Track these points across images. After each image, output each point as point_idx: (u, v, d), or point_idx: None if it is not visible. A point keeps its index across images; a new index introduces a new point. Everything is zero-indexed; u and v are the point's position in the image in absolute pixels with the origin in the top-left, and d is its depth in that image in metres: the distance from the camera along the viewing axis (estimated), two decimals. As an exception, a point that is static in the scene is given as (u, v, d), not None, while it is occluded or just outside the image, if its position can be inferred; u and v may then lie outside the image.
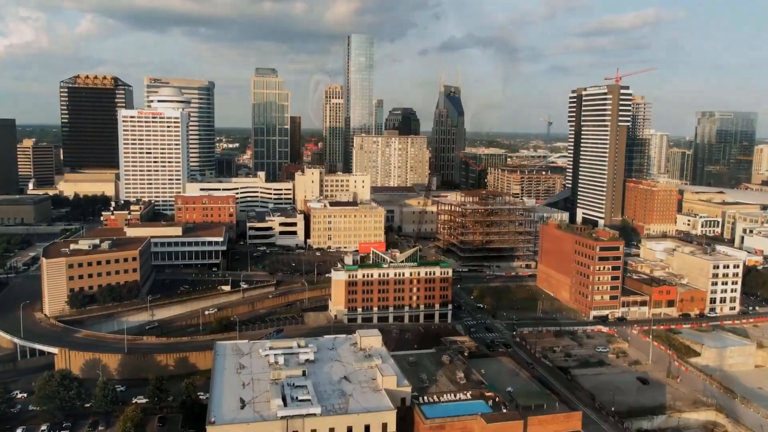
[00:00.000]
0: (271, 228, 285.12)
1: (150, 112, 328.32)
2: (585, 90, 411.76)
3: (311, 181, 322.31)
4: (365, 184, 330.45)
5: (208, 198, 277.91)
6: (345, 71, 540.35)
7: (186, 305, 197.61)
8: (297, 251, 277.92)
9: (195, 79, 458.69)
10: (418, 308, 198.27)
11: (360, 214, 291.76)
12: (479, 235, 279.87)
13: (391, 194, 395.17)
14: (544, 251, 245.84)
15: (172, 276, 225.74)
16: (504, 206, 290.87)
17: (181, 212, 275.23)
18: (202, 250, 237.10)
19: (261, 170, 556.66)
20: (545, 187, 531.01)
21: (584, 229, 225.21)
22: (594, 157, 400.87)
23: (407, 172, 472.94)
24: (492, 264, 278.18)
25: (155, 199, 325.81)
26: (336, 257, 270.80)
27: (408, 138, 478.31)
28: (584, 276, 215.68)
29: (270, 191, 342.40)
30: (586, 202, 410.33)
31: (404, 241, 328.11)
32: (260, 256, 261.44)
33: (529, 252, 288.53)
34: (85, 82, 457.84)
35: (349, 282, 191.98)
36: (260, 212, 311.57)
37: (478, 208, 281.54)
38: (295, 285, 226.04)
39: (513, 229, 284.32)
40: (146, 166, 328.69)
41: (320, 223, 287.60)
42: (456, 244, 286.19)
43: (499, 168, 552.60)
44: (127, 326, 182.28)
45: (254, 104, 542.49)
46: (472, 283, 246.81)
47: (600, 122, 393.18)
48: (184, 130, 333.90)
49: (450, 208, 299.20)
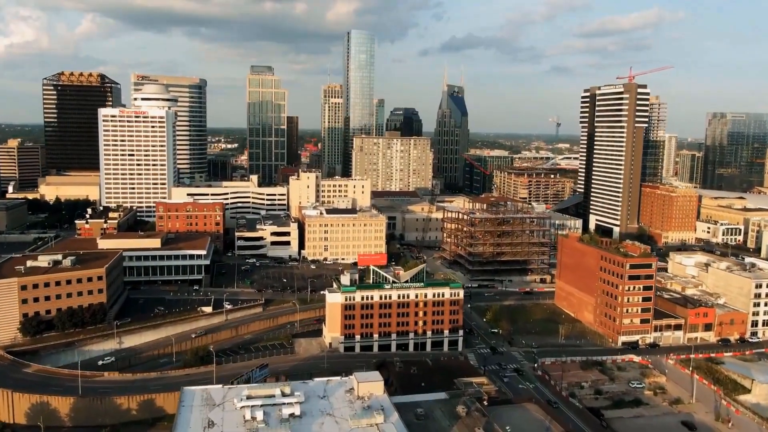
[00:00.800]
0: (262, 238, 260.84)
1: (132, 111, 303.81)
2: (599, 89, 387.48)
3: (306, 186, 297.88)
4: (365, 189, 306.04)
5: (192, 205, 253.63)
6: (344, 69, 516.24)
7: (159, 330, 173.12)
8: (290, 264, 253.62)
9: (186, 77, 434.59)
10: (424, 335, 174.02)
11: (359, 223, 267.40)
12: (489, 247, 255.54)
13: (393, 199, 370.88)
14: (563, 266, 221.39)
15: (148, 294, 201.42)
16: (516, 214, 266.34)
17: (163, 221, 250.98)
18: (183, 264, 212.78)
19: (256, 173, 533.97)
20: (554, 191, 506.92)
21: (610, 243, 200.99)
22: (609, 160, 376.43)
23: (409, 175, 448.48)
24: (503, 278, 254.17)
25: (138, 206, 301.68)
26: (332, 270, 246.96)
27: (410, 140, 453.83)
28: (611, 296, 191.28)
29: (263, 197, 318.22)
30: (600, 209, 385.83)
31: (407, 251, 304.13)
32: (249, 270, 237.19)
33: (543, 265, 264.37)
34: (70, 79, 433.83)
35: (346, 305, 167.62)
36: (251, 220, 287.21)
37: (488, 217, 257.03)
38: (285, 305, 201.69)
39: (526, 240, 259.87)
40: (128, 170, 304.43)
41: (315, 233, 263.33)
42: (464, 256, 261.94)
43: (505, 171, 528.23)
44: (90, 356, 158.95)
45: (249, 103, 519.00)
46: (483, 301, 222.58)
47: (615, 123, 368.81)
48: (170, 131, 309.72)
49: (457, 216, 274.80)
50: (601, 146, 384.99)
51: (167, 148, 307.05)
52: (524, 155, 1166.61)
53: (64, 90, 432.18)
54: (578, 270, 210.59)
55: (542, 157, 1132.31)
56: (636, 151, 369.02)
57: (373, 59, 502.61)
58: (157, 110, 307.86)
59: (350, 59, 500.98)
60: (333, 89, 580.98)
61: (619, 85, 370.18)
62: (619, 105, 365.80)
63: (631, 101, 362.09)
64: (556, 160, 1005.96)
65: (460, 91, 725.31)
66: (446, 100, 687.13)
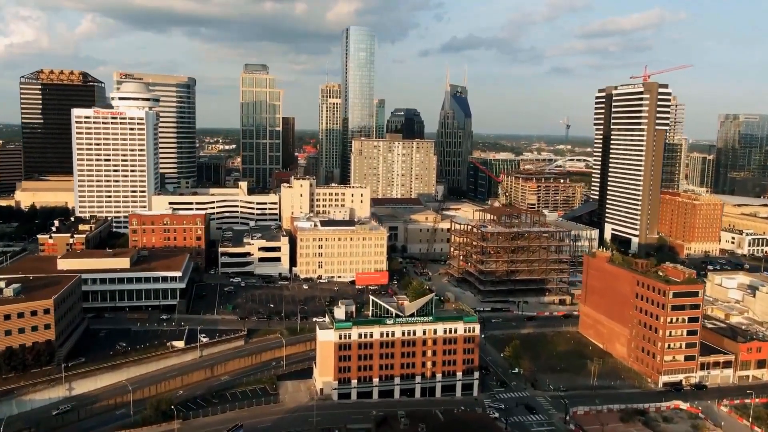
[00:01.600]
0: (249, 254, 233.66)
1: (109, 112, 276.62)
2: (616, 89, 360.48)
3: (300, 195, 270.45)
4: (364, 198, 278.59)
5: (170, 217, 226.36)
6: (343, 67, 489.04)
7: (119, 372, 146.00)
8: (279, 284, 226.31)
9: (173, 75, 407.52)
10: (434, 378, 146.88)
11: (357, 237, 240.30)
12: (503, 264, 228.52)
13: (394, 207, 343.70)
14: (590, 290, 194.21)
15: (112, 324, 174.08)
16: (532, 228, 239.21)
17: (137, 235, 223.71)
18: (155, 288, 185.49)
19: (250, 176, 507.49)
20: (564, 197, 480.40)
21: (647, 266, 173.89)
22: (627, 165, 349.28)
23: (412, 180, 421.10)
24: (518, 299, 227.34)
25: (115, 216, 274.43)
26: (327, 291, 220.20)
27: (413, 142, 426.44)
28: (650, 329, 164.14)
29: (252, 206, 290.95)
30: (617, 217, 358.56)
31: (410, 265, 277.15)
32: (232, 292, 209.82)
33: (562, 284, 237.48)
34: (50, 78, 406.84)
35: (341, 345, 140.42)
36: (238, 232, 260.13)
37: (501, 231, 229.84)
38: (271, 336, 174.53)
39: (544, 257, 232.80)
40: (104, 176, 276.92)
41: (309, 248, 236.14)
42: (474, 273, 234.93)
43: (513, 175, 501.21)
44: (33, 407, 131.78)
45: (242, 103, 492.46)
46: (498, 328, 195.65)
47: (635, 125, 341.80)
48: (151, 133, 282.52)
49: (466, 229, 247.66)
50: (618, 150, 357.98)
51: (147, 153, 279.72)
52: (526, 157, 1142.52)
53: (44, 89, 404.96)
54: (608, 295, 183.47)
55: (544, 159, 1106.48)
56: (656, 155, 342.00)
57: (373, 57, 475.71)
58: (136, 111, 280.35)
59: (349, 57, 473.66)
60: (331, 89, 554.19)
61: (638, 84, 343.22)
62: (639, 106, 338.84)
63: (651, 102, 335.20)
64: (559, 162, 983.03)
65: (464, 91, 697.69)
66: (449, 100, 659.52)
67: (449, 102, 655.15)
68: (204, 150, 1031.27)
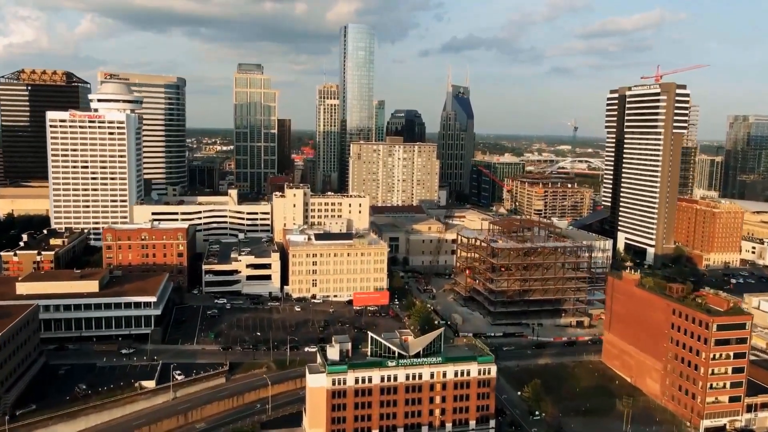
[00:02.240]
0: (236, 272, 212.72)
1: (86, 115, 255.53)
2: (629, 90, 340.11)
3: (293, 204, 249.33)
4: (362, 208, 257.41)
5: (149, 231, 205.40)
6: (341, 67, 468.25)
7: (77, 421, 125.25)
8: (269, 305, 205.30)
9: (161, 75, 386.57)
10: (443, 428, 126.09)
11: (355, 252, 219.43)
12: (515, 283, 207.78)
13: (395, 216, 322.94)
14: (616, 316, 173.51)
15: (75, 358, 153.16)
16: (547, 242, 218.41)
17: (112, 251, 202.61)
18: (126, 315, 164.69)
19: (244, 181, 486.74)
20: (572, 203, 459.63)
21: (684, 292, 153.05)
22: (642, 170, 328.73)
23: (413, 186, 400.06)
24: (532, 321, 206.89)
25: (93, 228, 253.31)
26: (322, 314, 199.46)
27: (414, 146, 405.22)
28: (689, 365, 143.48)
29: (242, 216, 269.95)
30: (631, 226, 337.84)
31: (413, 280, 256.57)
32: (215, 316, 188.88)
33: (579, 303, 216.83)
34: (32, 78, 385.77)
35: (334, 392, 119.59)
36: (225, 246, 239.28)
37: (514, 247, 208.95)
38: (257, 371, 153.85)
39: (560, 274, 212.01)
40: (81, 184, 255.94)
41: (302, 265, 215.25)
42: (483, 293, 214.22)
43: (518, 180, 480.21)
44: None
45: (236, 105, 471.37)
46: (512, 358, 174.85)
47: (651, 128, 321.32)
48: (132, 138, 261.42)
49: (474, 242, 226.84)
50: (632, 154, 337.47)
51: (128, 159, 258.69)
52: (527, 157, 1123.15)
53: (26, 90, 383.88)
54: (637, 323, 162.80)
55: (546, 160, 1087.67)
56: (674, 160, 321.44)
57: (372, 57, 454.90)
58: (117, 113, 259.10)
59: (347, 56, 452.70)
60: (329, 90, 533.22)
61: (654, 85, 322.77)
62: (655, 108, 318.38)
63: (668, 103, 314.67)
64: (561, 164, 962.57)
65: (466, 92, 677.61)
66: (451, 101, 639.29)
67: (451, 103, 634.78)
68: (201, 151, 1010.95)
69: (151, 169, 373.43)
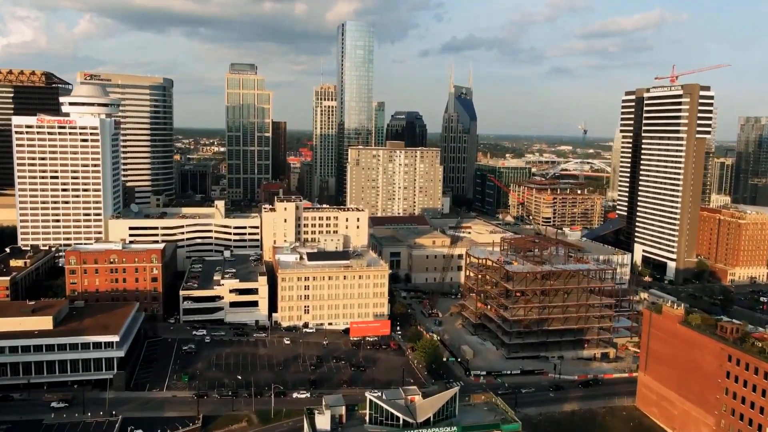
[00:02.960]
0: (219, 297, 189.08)
1: (56, 120, 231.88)
2: (648, 91, 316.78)
3: (284, 219, 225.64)
4: (361, 223, 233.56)
5: (118, 253, 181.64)
6: (339, 67, 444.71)
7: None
8: (255, 336, 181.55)
9: (147, 76, 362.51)
10: None
11: (353, 275, 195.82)
12: (533, 310, 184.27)
13: (396, 227, 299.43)
14: (654, 355, 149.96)
15: (19, 412, 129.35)
16: (568, 264, 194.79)
17: (76, 276, 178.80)
18: (84, 358, 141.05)
19: (236, 187, 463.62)
20: (582, 210, 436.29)
21: (739, 332, 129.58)
22: (662, 178, 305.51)
23: (415, 194, 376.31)
24: (552, 354, 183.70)
25: (63, 245, 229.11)
26: (314, 346, 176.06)
27: (416, 151, 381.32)
28: (750, 424, 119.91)
29: (229, 230, 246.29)
30: (650, 237, 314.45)
31: (416, 301, 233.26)
32: (192, 352, 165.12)
33: (603, 332, 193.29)
34: (8, 78, 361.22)
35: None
36: (208, 266, 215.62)
37: (532, 271, 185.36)
38: (235, 428, 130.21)
39: (584, 300, 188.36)
40: (51, 197, 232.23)
41: (292, 290, 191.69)
42: (496, 320, 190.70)
43: (524, 185, 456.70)
44: None
45: (228, 107, 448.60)
46: (533, 403, 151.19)
47: (672, 133, 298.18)
48: (108, 145, 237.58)
49: (485, 263, 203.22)
50: (650, 160, 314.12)
51: (103, 168, 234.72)
52: (528, 158, 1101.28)
53: (2, 91, 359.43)
54: (681, 367, 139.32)
55: (547, 161, 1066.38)
56: (697, 167, 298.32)
57: (371, 56, 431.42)
58: (90, 118, 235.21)
59: (345, 56, 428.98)
60: (326, 90, 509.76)
61: (676, 86, 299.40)
62: (677, 111, 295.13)
63: (691, 106, 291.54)
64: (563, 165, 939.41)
65: (468, 92, 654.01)
66: (453, 102, 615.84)
67: (453, 104, 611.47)
68: (198, 152, 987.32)
69: (135, 176, 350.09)
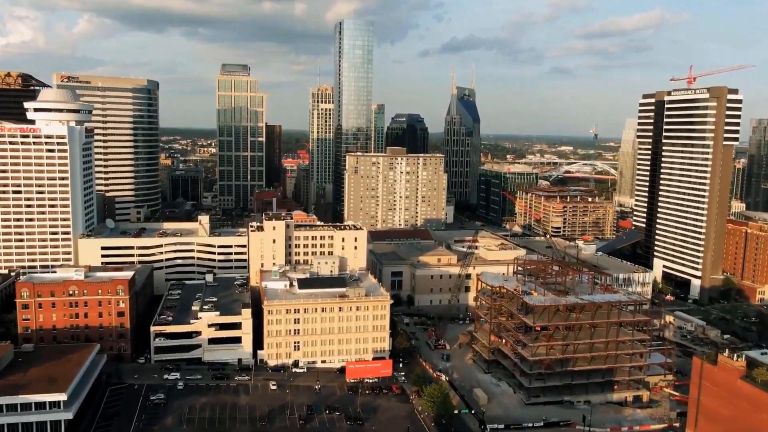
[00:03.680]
0: (196, 333, 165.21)
1: (18, 128, 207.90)
2: (669, 94, 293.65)
3: (272, 240, 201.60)
4: (359, 243, 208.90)
5: (79, 285, 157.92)
6: (336, 68, 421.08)
7: None
8: (236, 380, 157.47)
9: (130, 78, 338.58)
10: None
11: (350, 306, 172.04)
12: (556, 350, 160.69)
13: (398, 242, 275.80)
14: (706, 413, 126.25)
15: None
16: (595, 295, 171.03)
17: (29, 311, 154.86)
18: (25, 421, 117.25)
19: (228, 195, 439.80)
20: (594, 219, 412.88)
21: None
22: (686, 188, 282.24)
23: (417, 203, 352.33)
24: (577, 398, 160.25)
25: (28, 269, 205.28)
26: (304, 392, 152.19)
27: (419, 158, 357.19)
28: None
29: (213, 250, 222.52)
30: (671, 252, 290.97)
31: (421, 330, 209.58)
32: (161, 404, 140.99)
33: (636, 371, 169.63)
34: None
35: None
36: (187, 292, 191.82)
37: (555, 304, 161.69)
38: None
39: (613, 335, 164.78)
40: (13, 214, 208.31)
41: (280, 324, 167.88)
42: (512, 358, 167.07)
43: (532, 192, 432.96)
44: None
45: (219, 110, 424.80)
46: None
47: (697, 139, 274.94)
48: (78, 155, 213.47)
49: (499, 291, 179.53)
50: (672, 169, 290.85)
51: (72, 181, 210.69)
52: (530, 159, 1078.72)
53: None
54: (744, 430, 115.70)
55: (549, 162, 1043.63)
56: (724, 176, 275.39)
57: (370, 56, 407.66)
58: (57, 126, 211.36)
59: (342, 56, 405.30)
60: (323, 92, 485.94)
61: (701, 89, 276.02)
62: (702, 116, 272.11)
63: (718, 111, 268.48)
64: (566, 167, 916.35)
65: (471, 94, 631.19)
66: (455, 104, 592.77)
67: (456, 106, 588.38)
68: (195, 154, 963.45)
69: (117, 186, 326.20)
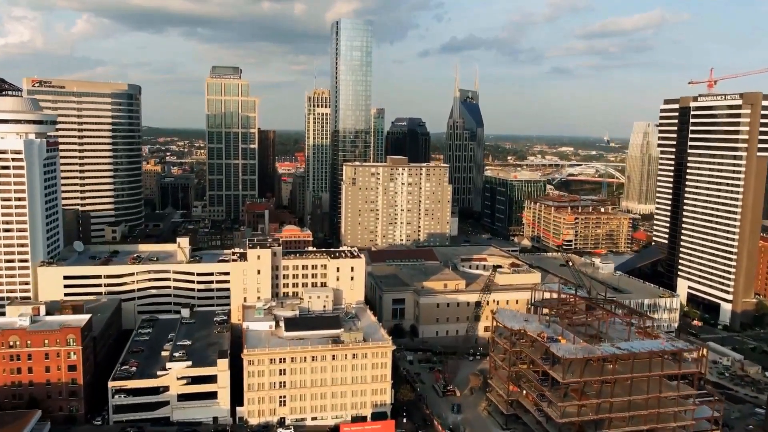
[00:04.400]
0: (164, 388, 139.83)
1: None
2: (695, 100, 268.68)
3: (257, 270, 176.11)
4: (356, 273, 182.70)
5: (21, 334, 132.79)
6: (333, 70, 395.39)
7: None
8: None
9: (109, 83, 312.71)
10: None
11: (345, 354, 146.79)
12: (588, 407, 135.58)
13: (399, 264, 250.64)
14: None
15: None
16: (633, 344, 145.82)
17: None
18: None
19: (218, 205, 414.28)
20: (607, 231, 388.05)
21: None
22: (715, 202, 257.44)
23: (420, 217, 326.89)
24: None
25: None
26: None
27: (422, 168, 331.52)
28: None
29: (192, 278, 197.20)
30: (698, 272, 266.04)
31: (425, 366, 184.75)
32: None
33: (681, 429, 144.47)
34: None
35: None
36: (159, 331, 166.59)
37: (587, 356, 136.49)
38: None
39: (655, 392, 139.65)
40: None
41: (264, 375, 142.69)
42: (535, 415, 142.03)
43: (541, 203, 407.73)
44: None
45: (208, 115, 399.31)
46: None
47: (728, 150, 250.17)
48: (36, 171, 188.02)
49: (520, 334, 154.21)
50: (700, 181, 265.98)
51: (30, 202, 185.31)
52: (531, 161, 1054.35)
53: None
54: None
55: (551, 164, 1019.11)
56: (757, 190, 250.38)
57: (369, 58, 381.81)
58: (13, 139, 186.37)
59: (340, 58, 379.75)
60: (320, 96, 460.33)
61: (734, 95, 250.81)
62: (734, 125, 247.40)
63: (753, 119, 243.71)
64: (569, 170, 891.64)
65: (475, 96, 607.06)
66: (458, 107, 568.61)
67: (458, 110, 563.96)
68: (192, 155, 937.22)
69: (94, 201, 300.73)
